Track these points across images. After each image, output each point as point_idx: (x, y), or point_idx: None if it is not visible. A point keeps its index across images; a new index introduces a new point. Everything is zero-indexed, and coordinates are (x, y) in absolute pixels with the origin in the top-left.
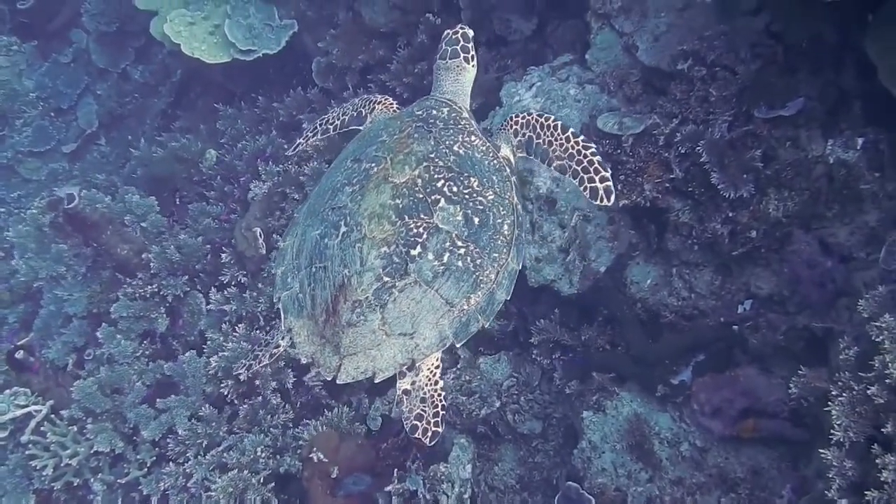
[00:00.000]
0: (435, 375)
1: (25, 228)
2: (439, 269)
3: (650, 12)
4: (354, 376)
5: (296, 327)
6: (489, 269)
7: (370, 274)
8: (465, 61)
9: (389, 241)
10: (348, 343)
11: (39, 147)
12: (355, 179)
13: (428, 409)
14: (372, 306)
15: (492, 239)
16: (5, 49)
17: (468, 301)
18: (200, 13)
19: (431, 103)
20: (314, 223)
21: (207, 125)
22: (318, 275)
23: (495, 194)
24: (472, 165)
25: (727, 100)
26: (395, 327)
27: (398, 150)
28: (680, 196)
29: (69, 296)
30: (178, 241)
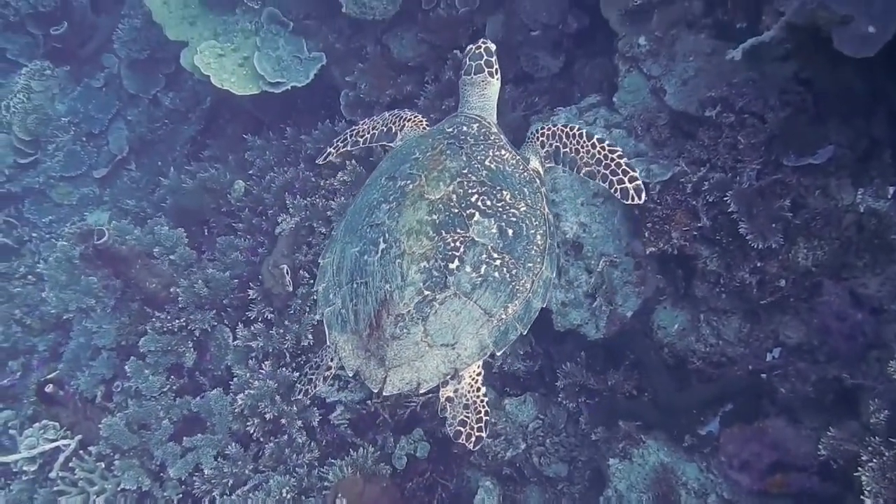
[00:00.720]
0: (477, 382)
1: (56, 260)
2: (477, 281)
3: (678, 56)
4: (400, 387)
5: (340, 342)
6: (525, 279)
7: (411, 288)
8: (490, 75)
9: (428, 255)
10: (393, 356)
11: (71, 172)
12: (392, 197)
13: (471, 415)
14: (414, 319)
15: (526, 249)
16: (38, 74)
17: (506, 310)
18: (230, 45)
19: (461, 120)
20: (353, 240)
21: (236, 155)
22: (359, 290)
23: (527, 206)
24: (503, 179)
25: (756, 147)
26: (438, 338)
27: (432, 167)
28: (707, 243)
29: (98, 328)
30: (206, 275)
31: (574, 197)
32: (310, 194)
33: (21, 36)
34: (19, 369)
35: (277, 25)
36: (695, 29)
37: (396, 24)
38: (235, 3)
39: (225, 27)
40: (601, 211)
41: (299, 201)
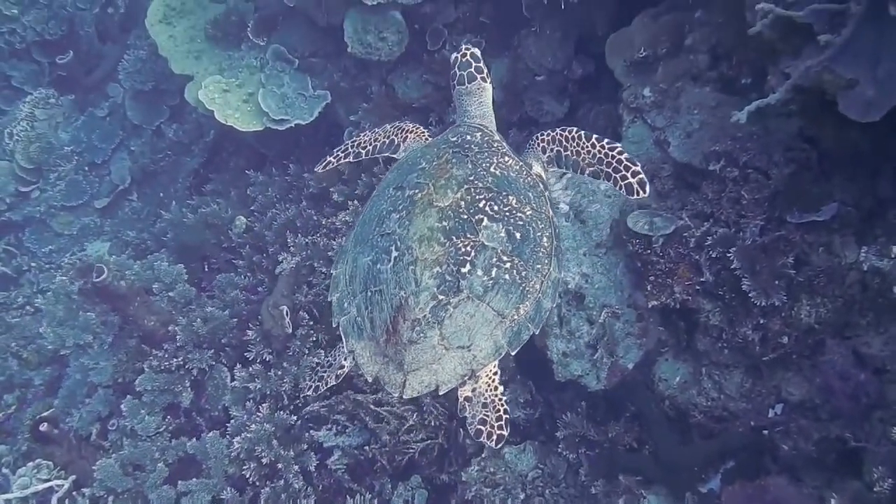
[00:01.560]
0: (494, 381)
1: (54, 295)
2: (489, 284)
3: (682, 109)
4: (419, 390)
5: (357, 349)
6: (534, 280)
7: (426, 293)
8: (483, 80)
9: (441, 261)
10: (411, 360)
11: (72, 202)
12: (401, 206)
13: (490, 413)
14: (430, 323)
15: (534, 251)
16: (43, 102)
17: (518, 311)
18: (235, 80)
19: (464, 129)
20: (364, 250)
21: (238, 190)
22: (374, 298)
23: (532, 209)
24: (508, 184)
25: (759, 203)
26: (454, 341)
27: (439, 176)
28: (710, 298)
29: (95, 364)
30: (205, 314)
31: (576, 247)
32: (311, 233)
33: (27, 63)
34: (14, 403)
35: (283, 62)
36: (700, 82)
37: (402, 65)
38: (241, 39)
39: (230, 62)
40: (603, 262)
41: (300, 240)
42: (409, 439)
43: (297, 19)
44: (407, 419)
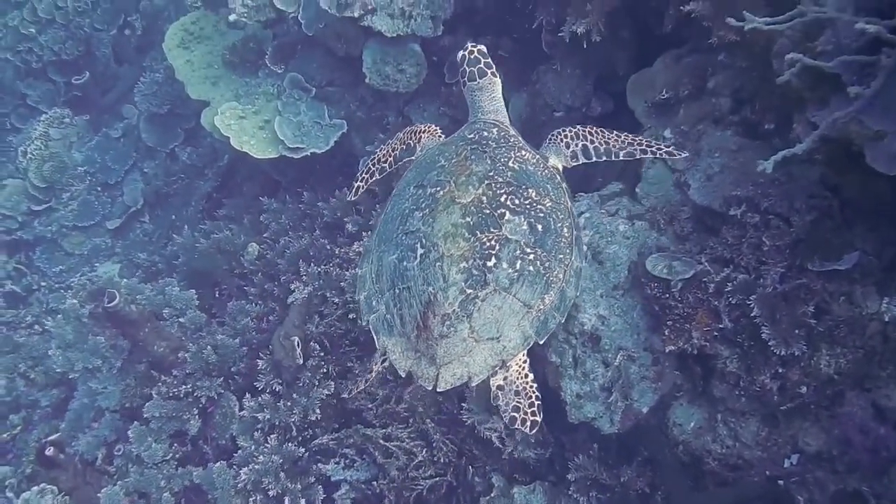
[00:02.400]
0: (524, 370)
1: (64, 317)
2: (514, 276)
3: (703, 152)
4: (452, 383)
5: (389, 345)
6: (557, 270)
7: (454, 288)
8: (493, 76)
9: (466, 256)
10: (443, 353)
11: (84, 222)
12: (423, 204)
13: (523, 400)
14: (460, 317)
15: (555, 242)
16: (57, 121)
17: (543, 301)
18: (251, 107)
19: (480, 126)
20: (389, 248)
21: (251, 216)
22: (402, 295)
23: (552, 201)
24: (527, 178)
25: (780, 250)
26: (483, 333)
27: (459, 173)
28: (728, 344)
29: (103, 388)
30: (216, 341)
31: (593, 288)
32: (324, 262)
33: (43, 82)
34: (20, 423)
35: (300, 91)
36: (721, 125)
37: (419, 96)
38: (258, 66)
39: (247, 89)
40: (620, 304)
41: (313, 269)
42: (417, 475)
43: (315, 48)
44: (416, 455)
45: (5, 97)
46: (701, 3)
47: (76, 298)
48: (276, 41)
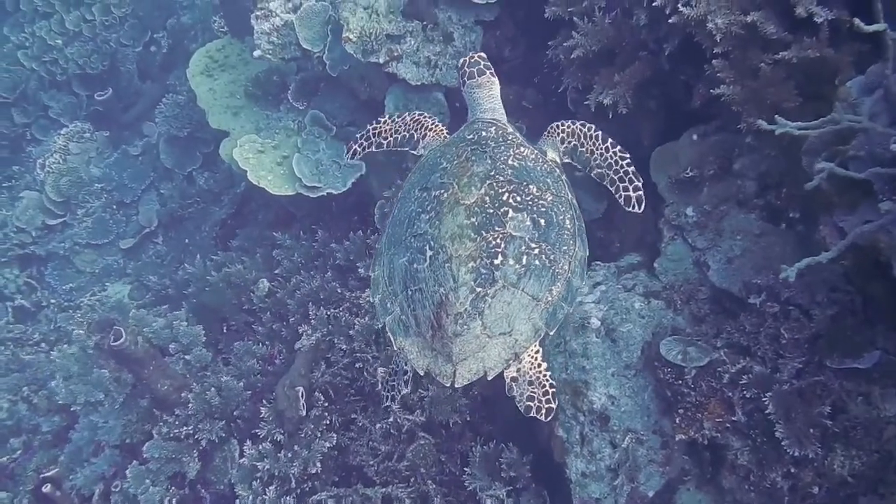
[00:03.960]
0: (537, 359)
1: (70, 350)
2: (521, 271)
3: (725, 233)
4: (469, 378)
5: (406, 345)
6: (562, 261)
7: (464, 288)
8: (491, 76)
9: (474, 255)
10: (458, 351)
11: (97, 240)
12: (429, 207)
13: (537, 389)
14: (472, 315)
15: (559, 235)
16: (78, 136)
17: (551, 293)
18: (271, 142)
19: (479, 125)
20: (399, 251)
21: (264, 249)
22: (415, 297)
23: (553, 195)
24: (527, 174)
25: (799, 344)
26: (495, 329)
27: (461, 175)
28: (740, 436)
29: (104, 423)
30: (220, 383)
31: (605, 366)
32: (334, 305)
33: (66, 95)
34: (20, 448)
35: (320, 128)
36: (745, 208)
37: None
38: (280, 101)
39: (268, 122)
40: (632, 384)
41: (322, 313)
42: None
43: (338, 88)
44: None
45: (28, 107)
46: (731, 87)
47: (83, 329)
48: (300, 77)
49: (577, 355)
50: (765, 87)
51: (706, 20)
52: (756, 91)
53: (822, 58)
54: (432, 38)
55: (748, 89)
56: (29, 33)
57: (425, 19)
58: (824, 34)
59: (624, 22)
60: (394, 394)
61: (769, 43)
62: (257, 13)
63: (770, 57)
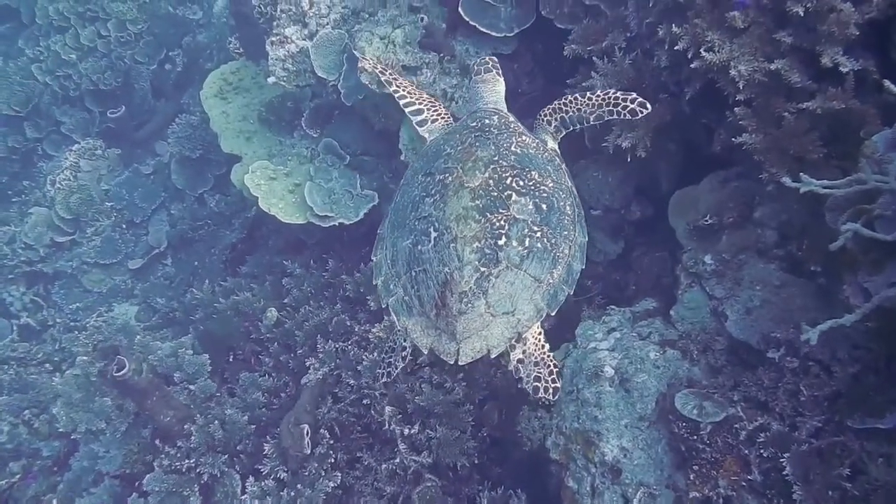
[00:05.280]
0: (540, 341)
1: (73, 376)
2: (524, 253)
3: (744, 282)
4: (472, 356)
5: (409, 325)
6: (563, 246)
7: (469, 267)
8: (497, 75)
9: (479, 236)
10: (462, 329)
11: (106, 259)
12: (433, 190)
13: (543, 370)
14: (476, 294)
15: (560, 220)
16: (89, 153)
17: (552, 275)
18: (283, 168)
19: (481, 114)
20: (402, 234)
21: (273, 276)
22: (418, 277)
23: (553, 182)
24: (529, 160)
25: (818, 402)
26: (499, 308)
27: (466, 159)
28: (756, 495)
29: (105, 452)
30: (224, 416)
31: (618, 417)
32: (343, 338)
33: (78, 111)
34: (19, 472)
35: (334, 157)
36: (765, 258)
37: None
38: (294, 127)
39: (280, 149)
40: (645, 436)
41: (330, 346)
42: None
43: (352, 117)
44: None
45: (40, 122)
46: (753, 136)
47: (86, 355)
48: (314, 104)
49: (589, 404)
50: (788, 137)
51: (729, 66)
52: (779, 140)
53: (848, 109)
54: (449, 70)
55: (771, 138)
56: (44, 47)
57: (442, 51)
58: (850, 84)
59: (644, 63)
60: (390, 370)
61: (793, 91)
62: (273, 39)
63: (794, 106)
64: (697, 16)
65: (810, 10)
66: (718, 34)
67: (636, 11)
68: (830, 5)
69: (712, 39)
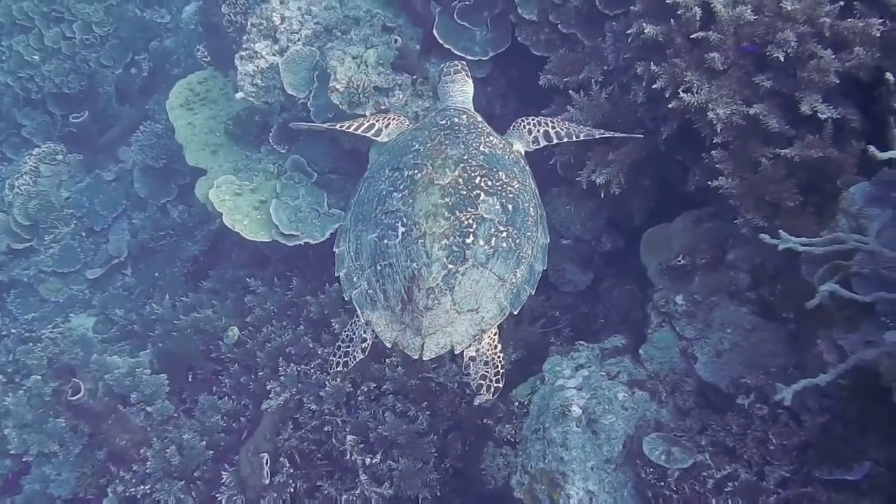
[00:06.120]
0: (494, 341)
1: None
2: (490, 252)
3: (715, 324)
4: (437, 351)
5: (374, 318)
6: (526, 246)
7: (437, 264)
8: (466, 76)
9: (447, 233)
10: (428, 325)
11: (64, 268)
12: (402, 186)
13: (490, 370)
14: (443, 291)
15: (524, 221)
16: (49, 157)
17: (515, 275)
18: (249, 184)
19: (451, 113)
20: (367, 228)
21: (236, 294)
22: (384, 272)
23: (519, 183)
24: (496, 161)
25: (787, 451)
26: (464, 305)
27: (436, 156)
28: None
29: (57, 475)
30: (181, 441)
31: (584, 459)
32: (305, 361)
33: (40, 114)
34: None
35: (301, 174)
36: (737, 301)
37: None
38: (261, 142)
39: (247, 163)
40: (612, 479)
41: (292, 370)
42: None
43: (321, 135)
44: None
45: (0, 123)
46: (729, 179)
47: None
48: (282, 120)
49: (556, 444)
50: (764, 182)
51: (707, 108)
52: (755, 186)
53: (825, 157)
54: (421, 92)
55: (747, 183)
56: (6, 47)
57: (415, 73)
58: (828, 132)
59: (621, 98)
60: (347, 360)
61: (770, 136)
62: (242, 54)
63: (771, 151)
64: (676, 55)
65: (791, 55)
66: (697, 74)
67: (614, 44)
68: (811, 52)
69: (691, 80)
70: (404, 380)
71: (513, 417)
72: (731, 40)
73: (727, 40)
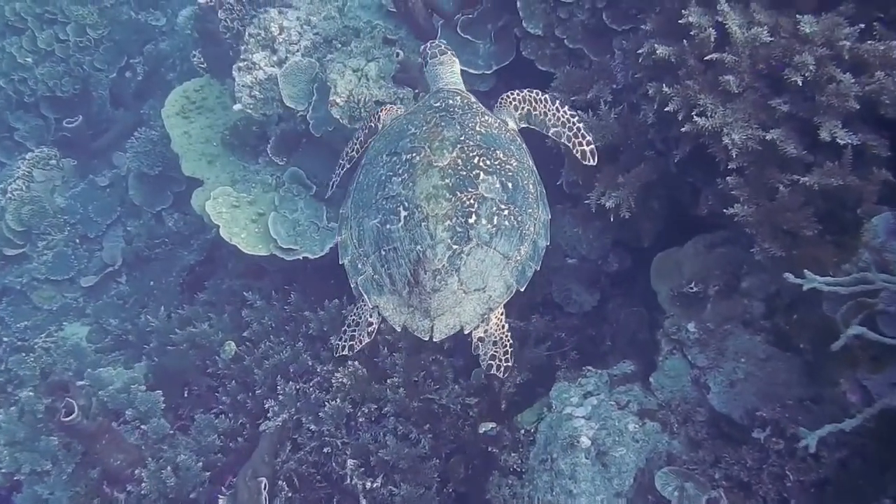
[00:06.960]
0: (502, 321)
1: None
2: (493, 231)
3: (728, 353)
4: (446, 333)
5: (381, 303)
6: (528, 223)
7: (441, 245)
8: (452, 55)
9: (450, 215)
10: (436, 306)
11: (57, 275)
12: (401, 170)
13: (499, 349)
14: (449, 272)
15: (524, 198)
16: (43, 162)
17: (519, 252)
18: (246, 196)
19: (444, 95)
20: (368, 214)
21: (232, 307)
22: (388, 256)
23: (517, 161)
24: (493, 140)
25: (804, 488)
26: (471, 285)
27: (432, 139)
28: None
29: (50, 494)
30: (176, 462)
31: (594, 492)
32: (304, 379)
33: (33, 117)
34: None
35: (300, 186)
36: (751, 329)
37: None
38: (259, 153)
39: (244, 174)
40: None
41: (291, 388)
42: None
43: (320, 147)
44: None
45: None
46: (745, 206)
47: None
48: (280, 131)
49: (564, 476)
50: (781, 210)
51: (722, 133)
52: (771, 214)
53: (845, 185)
54: None
55: (763, 210)
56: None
57: (417, 87)
58: (847, 159)
59: (630, 119)
60: (353, 343)
61: (788, 162)
62: (240, 64)
63: (788, 178)
64: (689, 77)
65: (808, 79)
66: (711, 97)
67: (623, 62)
68: (830, 75)
69: (705, 103)
70: (406, 401)
71: (519, 446)
72: (747, 62)
73: (742, 62)
